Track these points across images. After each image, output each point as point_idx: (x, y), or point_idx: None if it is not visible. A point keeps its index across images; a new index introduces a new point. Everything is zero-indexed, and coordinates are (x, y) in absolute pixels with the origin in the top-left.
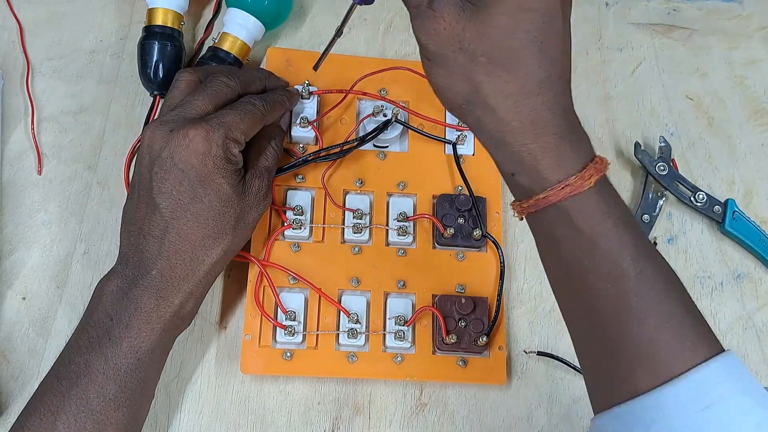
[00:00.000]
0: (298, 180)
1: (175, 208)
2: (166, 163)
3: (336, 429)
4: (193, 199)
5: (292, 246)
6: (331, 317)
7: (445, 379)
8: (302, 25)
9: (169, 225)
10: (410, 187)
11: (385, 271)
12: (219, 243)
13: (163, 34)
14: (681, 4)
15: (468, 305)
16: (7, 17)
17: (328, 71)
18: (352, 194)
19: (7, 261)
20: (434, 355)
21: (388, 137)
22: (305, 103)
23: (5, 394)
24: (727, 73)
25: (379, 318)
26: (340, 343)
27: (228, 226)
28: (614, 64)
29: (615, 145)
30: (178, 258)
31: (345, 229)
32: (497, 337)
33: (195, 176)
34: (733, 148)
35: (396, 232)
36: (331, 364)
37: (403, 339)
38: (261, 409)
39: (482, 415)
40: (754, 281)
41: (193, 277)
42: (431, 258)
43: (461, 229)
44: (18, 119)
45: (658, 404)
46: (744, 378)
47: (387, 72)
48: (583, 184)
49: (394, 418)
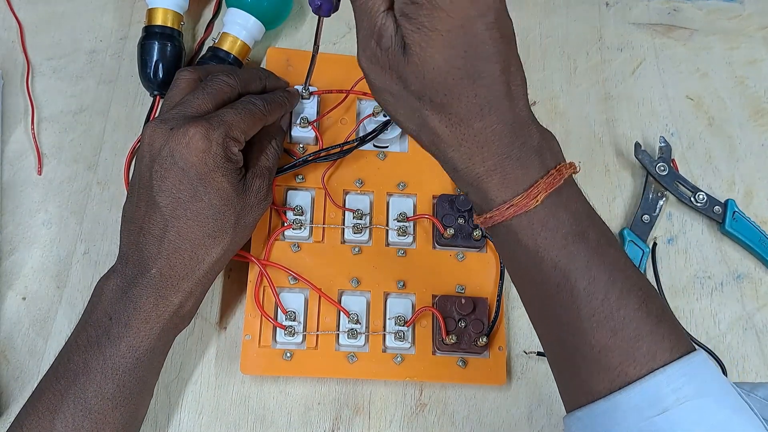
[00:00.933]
0: (298, 180)
1: (175, 206)
2: (167, 161)
3: (336, 429)
4: (194, 197)
5: (292, 246)
6: (331, 317)
7: (445, 379)
8: (302, 25)
9: (169, 223)
10: (410, 188)
11: (385, 272)
12: (219, 242)
13: (162, 34)
14: (681, 4)
15: (468, 305)
16: (8, 17)
17: (329, 71)
18: (352, 194)
19: (8, 261)
20: (434, 356)
21: (388, 137)
22: (305, 103)
23: (5, 394)
24: (727, 73)
25: (379, 318)
26: (340, 343)
27: (228, 224)
28: (614, 63)
29: (615, 145)
30: (178, 257)
31: (345, 230)
32: (497, 338)
33: (195, 174)
34: (733, 149)
35: (396, 232)
36: (332, 364)
37: (403, 339)
38: (261, 409)
39: (482, 416)
40: (754, 282)
41: (192, 276)
42: (431, 258)
43: (461, 230)
44: (18, 119)
45: (613, 409)
46: (708, 380)
47: None
48: (528, 203)
49: (394, 418)
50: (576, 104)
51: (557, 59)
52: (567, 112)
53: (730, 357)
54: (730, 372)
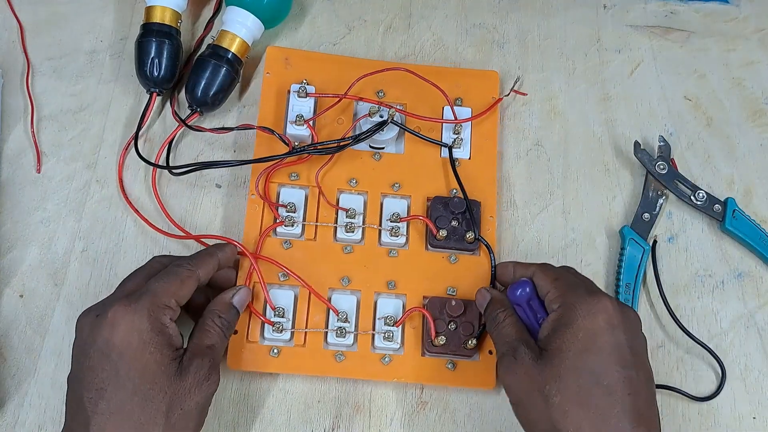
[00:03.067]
0: (292, 178)
1: (97, 400)
2: (90, 350)
3: (336, 428)
4: (116, 385)
5: (283, 243)
6: (320, 315)
7: (433, 381)
8: (301, 25)
9: (91, 420)
10: (405, 189)
11: (376, 271)
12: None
13: (160, 31)
14: (678, 7)
15: (458, 307)
16: (8, 17)
17: (328, 71)
18: (346, 194)
19: (5, 259)
20: (423, 357)
21: (384, 138)
22: (302, 102)
23: (2, 392)
24: (724, 75)
25: (368, 318)
26: (329, 341)
27: (159, 413)
28: (613, 65)
29: (614, 145)
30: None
31: (337, 228)
32: (487, 341)
33: (117, 356)
34: (732, 149)
35: (389, 232)
36: (319, 362)
37: (391, 340)
38: (260, 407)
39: (483, 414)
40: (755, 280)
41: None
42: (423, 260)
43: (454, 232)
44: (18, 118)
45: None
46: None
47: (386, 73)
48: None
49: (394, 416)
50: (575, 104)
51: (556, 60)
52: (566, 112)
53: (732, 355)
54: (732, 370)
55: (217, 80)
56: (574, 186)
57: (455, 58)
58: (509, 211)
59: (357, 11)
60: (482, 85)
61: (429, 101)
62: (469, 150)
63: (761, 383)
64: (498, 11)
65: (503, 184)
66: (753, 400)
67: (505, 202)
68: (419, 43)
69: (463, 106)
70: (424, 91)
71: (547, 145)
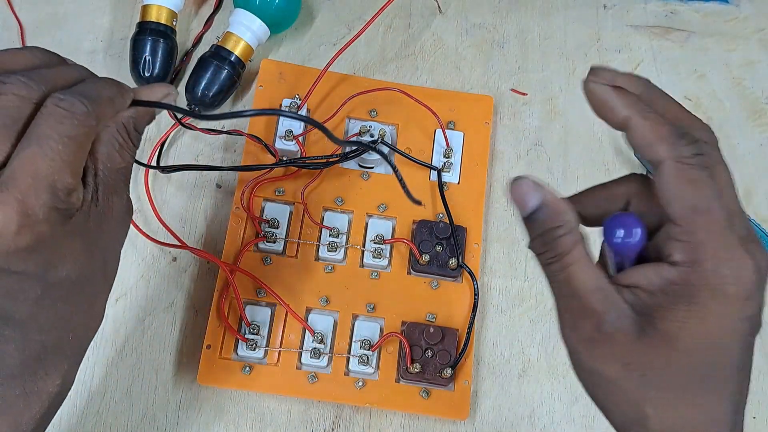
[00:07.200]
0: (278, 193)
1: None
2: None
3: (336, 427)
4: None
5: (264, 259)
6: (295, 334)
7: (406, 409)
8: (302, 25)
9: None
10: (391, 210)
11: (356, 293)
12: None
13: (155, 30)
14: (678, 7)
15: (436, 335)
16: (8, 17)
17: (321, 88)
18: (331, 212)
19: None
20: (397, 384)
21: (373, 158)
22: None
23: None
24: (725, 75)
25: (344, 340)
26: (303, 362)
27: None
28: (613, 65)
29: (614, 145)
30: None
31: (320, 247)
32: (463, 371)
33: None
34: (732, 148)
35: (372, 254)
36: (291, 382)
37: (366, 364)
38: (260, 407)
39: (484, 413)
40: None
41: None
42: (405, 284)
43: (438, 257)
44: None
45: None
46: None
47: (379, 93)
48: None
49: (395, 416)
50: (575, 104)
51: (556, 60)
52: (566, 112)
53: None
54: None
55: (218, 81)
56: (574, 186)
57: (455, 58)
58: (509, 211)
59: (357, 11)
60: (476, 109)
61: (421, 123)
62: (458, 174)
63: (761, 383)
64: (498, 11)
65: (503, 184)
66: (753, 400)
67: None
68: (419, 43)
69: (456, 130)
70: (417, 113)
71: (547, 145)
